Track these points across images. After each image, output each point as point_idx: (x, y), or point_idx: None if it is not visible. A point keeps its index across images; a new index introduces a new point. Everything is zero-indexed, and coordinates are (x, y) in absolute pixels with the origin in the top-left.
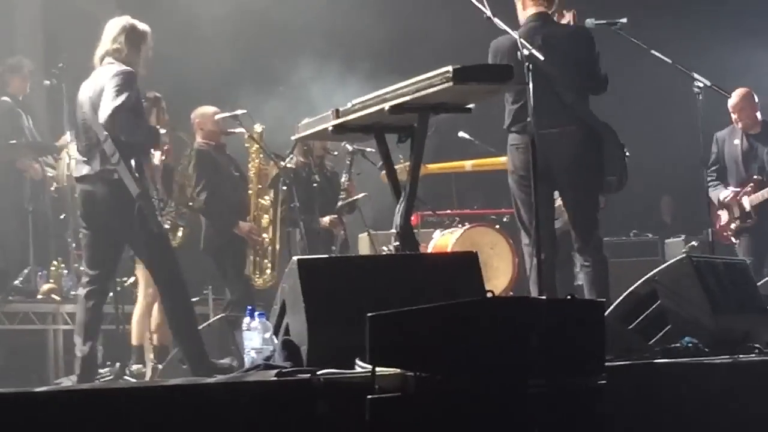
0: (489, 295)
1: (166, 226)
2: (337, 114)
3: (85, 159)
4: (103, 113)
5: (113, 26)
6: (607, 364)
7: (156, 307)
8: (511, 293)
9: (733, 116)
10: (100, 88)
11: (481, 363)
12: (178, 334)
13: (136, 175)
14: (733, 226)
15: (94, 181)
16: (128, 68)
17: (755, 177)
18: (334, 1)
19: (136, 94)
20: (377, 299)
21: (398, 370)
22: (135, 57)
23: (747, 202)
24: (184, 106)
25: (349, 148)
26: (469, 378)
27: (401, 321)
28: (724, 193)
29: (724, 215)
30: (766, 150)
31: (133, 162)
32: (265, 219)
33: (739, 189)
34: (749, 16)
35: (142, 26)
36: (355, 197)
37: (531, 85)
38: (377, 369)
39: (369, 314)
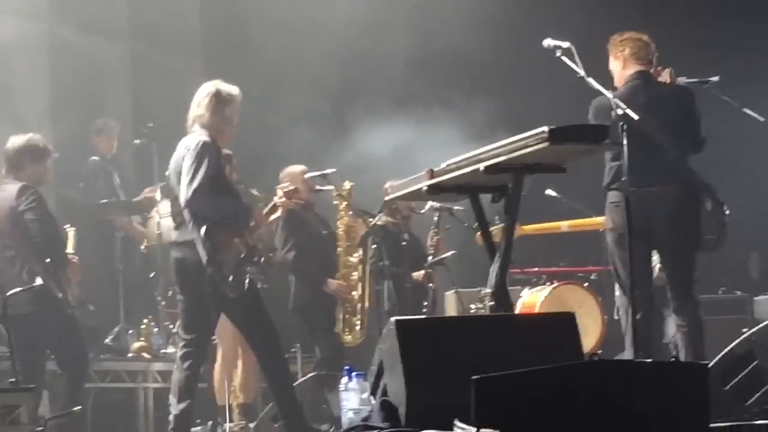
0: (594, 358)
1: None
2: (432, 174)
3: (175, 225)
4: (183, 197)
5: (201, 91)
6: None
7: (238, 365)
8: (600, 352)
9: None
10: (181, 159)
11: (585, 426)
12: (275, 395)
13: (207, 243)
14: None
15: (183, 247)
16: (204, 139)
17: None
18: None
19: (215, 166)
20: (475, 360)
21: None
22: (218, 121)
23: None
24: (264, 162)
25: (436, 205)
26: None
27: (506, 383)
28: None
29: None
30: None
31: (203, 229)
32: (354, 276)
33: None
34: None
35: (228, 90)
36: (444, 255)
37: (626, 144)
38: (481, 431)
39: (474, 377)
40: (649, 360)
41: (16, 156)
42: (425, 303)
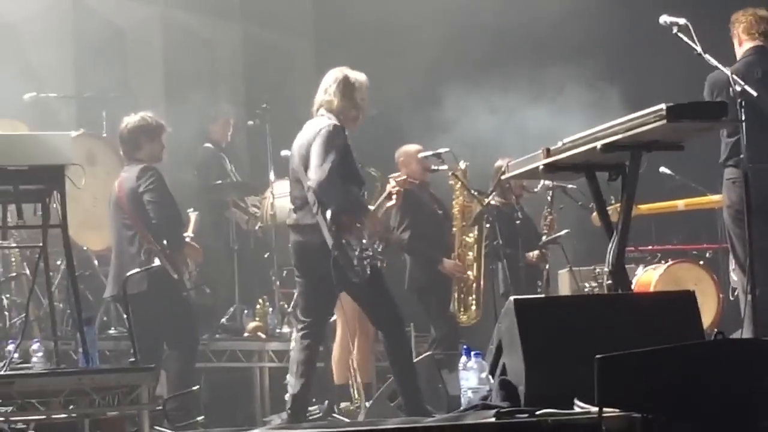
0: (719, 336)
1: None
2: (548, 153)
3: (295, 208)
4: (312, 180)
5: (328, 77)
6: None
7: (357, 344)
8: (716, 330)
9: None
10: (308, 142)
11: (711, 406)
12: (398, 376)
13: (333, 227)
14: None
15: (303, 231)
16: (334, 122)
17: None
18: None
19: (343, 150)
20: (594, 340)
21: (625, 412)
22: (347, 107)
23: None
24: (382, 141)
25: (550, 184)
26: (698, 420)
27: (630, 363)
28: None
29: None
30: None
31: (329, 213)
32: (470, 256)
33: None
34: None
35: (356, 76)
36: (558, 233)
37: (744, 121)
38: (604, 410)
39: (597, 356)
40: None
41: (131, 136)
42: (539, 283)
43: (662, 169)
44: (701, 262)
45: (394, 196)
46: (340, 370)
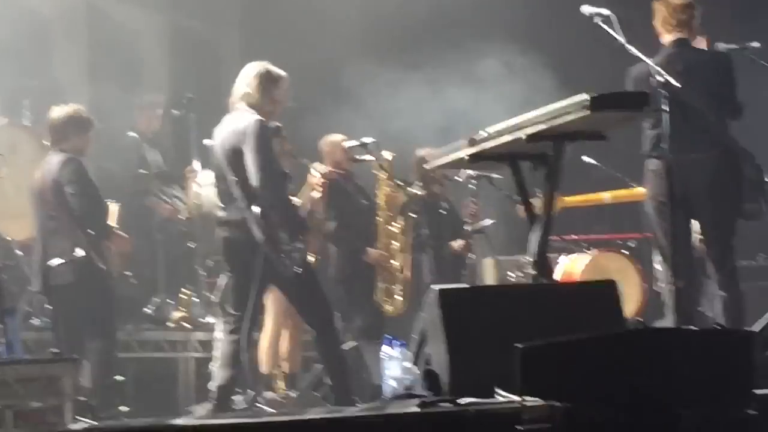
0: (639, 324)
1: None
2: (472, 142)
3: (222, 205)
4: (253, 180)
5: (249, 70)
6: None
7: (285, 334)
8: (640, 319)
9: None
10: (235, 140)
11: (630, 394)
12: (329, 369)
13: (262, 222)
14: None
15: (231, 227)
16: (258, 118)
17: None
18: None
19: (270, 148)
20: (517, 329)
21: (546, 401)
22: (265, 102)
23: None
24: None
25: (473, 173)
26: (618, 409)
27: (551, 352)
28: None
29: None
30: None
31: (258, 209)
32: (394, 246)
33: None
34: None
35: (277, 71)
36: (482, 223)
37: (666, 112)
38: (526, 399)
39: (518, 345)
40: (693, 328)
41: (60, 126)
42: (463, 272)
43: (586, 158)
44: (625, 252)
45: (319, 187)
46: (268, 360)
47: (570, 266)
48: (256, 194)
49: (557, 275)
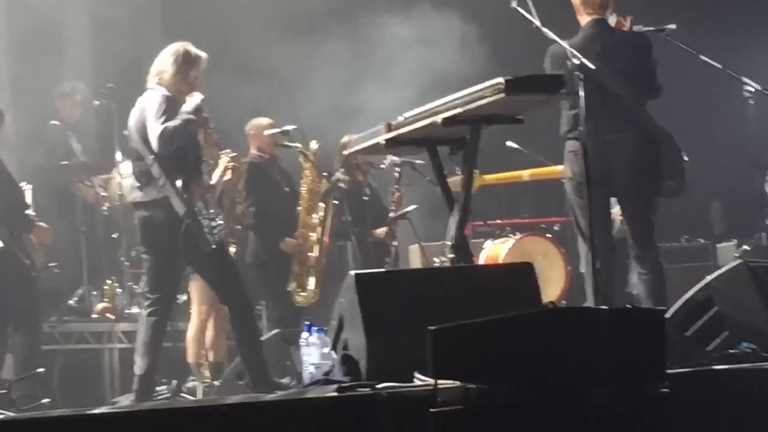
0: (550, 306)
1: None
2: (389, 128)
3: (139, 185)
4: (152, 137)
5: (168, 49)
6: (667, 371)
7: (210, 323)
8: (564, 302)
9: None
10: (142, 115)
11: (542, 374)
12: (243, 351)
13: (184, 195)
14: None
15: (149, 206)
16: (164, 93)
17: None
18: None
19: (173, 111)
20: (435, 312)
21: (460, 383)
22: (179, 81)
23: None
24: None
25: (397, 160)
26: (531, 389)
27: (463, 334)
28: None
29: None
30: None
31: (180, 182)
32: (312, 237)
33: None
34: None
35: (195, 52)
36: (406, 209)
37: (582, 94)
38: (440, 382)
39: (430, 327)
40: (604, 307)
41: None
42: (387, 259)
43: (509, 143)
44: (549, 236)
45: (229, 172)
46: (194, 349)
47: (494, 251)
48: (177, 169)
49: (482, 260)
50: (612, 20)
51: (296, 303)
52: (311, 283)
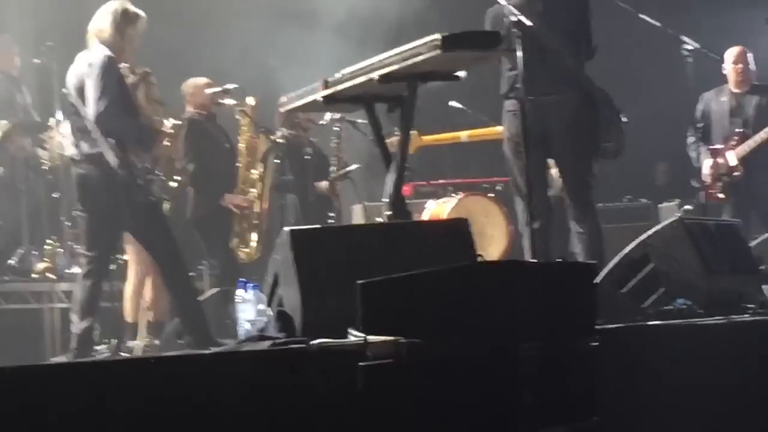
0: (479, 260)
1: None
2: (326, 85)
3: (75, 141)
4: (92, 114)
5: (107, 7)
6: (599, 326)
7: (148, 283)
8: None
9: (726, 71)
10: (82, 73)
11: (472, 327)
12: (180, 308)
13: (117, 148)
14: (720, 183)
15: (85, 163)
16: (107, 53)
17: (738, 130)
18: None
19: (117, 81)
20: (370, 268)
21: (390, 338)
22: (118, 39)
23: (733, 156)
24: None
25: (337, 116)
26: (461, 343)
27: (391, 288)
28: (705, 165)
29: (710, 172)
30: (753, 105)
31: (111, 139)
32: (253, 192)
33: (723, 145)
34: None
35: (134, 10)
36: (348, 168)
37: (520, 53)
38: (369, 337)
39: (359, 281)
40: (533, 261)
41: None
42: (331, 215)
43: (452, 102)
44: (491, 195)
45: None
46: (132, 308)
47: (437, 210)
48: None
49: (425, 219)
50: None
51: (239, 259)
52: (253, 238)
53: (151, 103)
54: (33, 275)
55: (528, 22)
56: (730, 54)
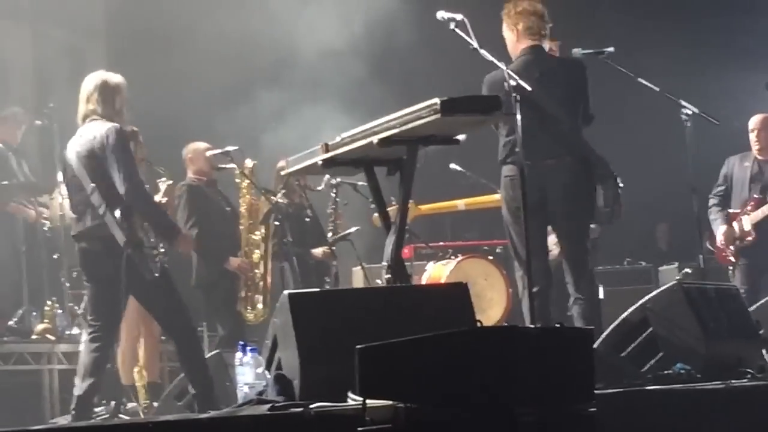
0: (478, 325)
1: None
2: (326, 148)
3: (78, 216)
4: (121, 186)
5: (86, 85)
6: (598, 391)
7: (141, 344)
8: (506, 324)
9: (752, 138)
10: (92, 147)
11: (471, 392)
12: (192, 378)
13: (124, 224)
14: (732, 247)
15: (89, 237)
16: (116, 125)
17: (756, 196)
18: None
19: (132, 155)
20: (369, 332)
21: (389, 402)
22: (111, 111)
23: (747, 221)
24: (169, 140)
25: (333, 181)
26: (460, 408)
27: (390, 352)
28: (719, 232)
29: (725, 236)
30: None
31: (118, 212)
32: (256, 254)
33: (740, 210)
34: (735, 45)
35: (115, 79)
36: (347, 231)
37: (519, 116)
38: (368, 401)
39: (358, 346)
40: (532, 326)
41: None
42: (327, 279)
43: (452, 165)
44: (491, 258)
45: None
46: (126, 371)
47: (436, 273)
48: (117, 199)
49: (424, 281)
50: (547, 47)
51: (247, 321)
52: (259, 300)
53: (141, 162)
54: (32, 336)
55: (527, 87)
56: (753, 121)
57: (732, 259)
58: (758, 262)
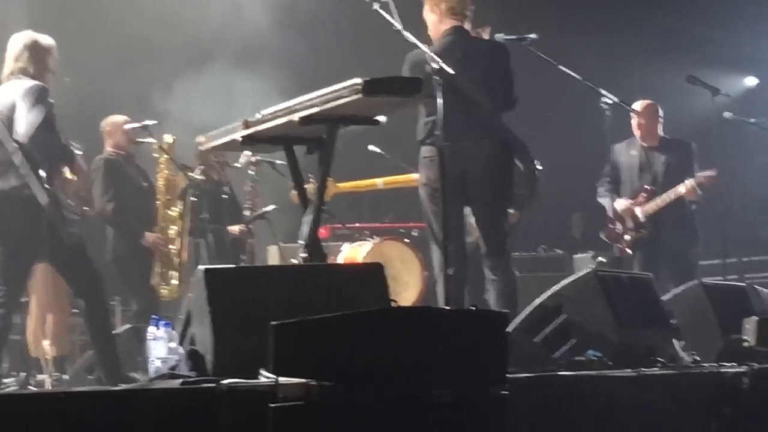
0: (393, 304)
1: None
2: (246, 125)
3: None
4: (20, 129)
5: (15, 43)
6: (510, 375)
7: (50, 318)
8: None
9: (634, 125)
10: (11, 103)
11: (384, 372)
12: (96, 344)
13: (46, 186)
14: (627, 237)
15: (7, 197)
16: (40, 83)
17: (647, 187)
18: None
19: (50, 109)
20: (284, 309)
21: (302, 380)
22: (42, 72)
23: (641, 213)
24: (88, 112)
25: (253, 159)
26: (372, 388)
27: (304, 330)
28: (618, 203)
29: (618, 226)
30: (661, 161)
31: (43, 173)
32: (173, 230)
33: (632, 199)
34: (655, 35)
35: (46, 40)
36: (264, 209)
37: (440, 99)
38: (281, 378)
39: (272, 323)
40: (445, 307)
41: None
42: (243, 257)
43: (371, 147)
44: (407, 240)
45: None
46: (34, 343)
47: (352, 253)
48: (39, 159)
49: (340, 262)
50: (484, 32)
51: (161, 297)
52: (174, 276)
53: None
54: None
55: (450, 70)
56: (637, 107)
57: (629, 250)
58: (656, 252)
